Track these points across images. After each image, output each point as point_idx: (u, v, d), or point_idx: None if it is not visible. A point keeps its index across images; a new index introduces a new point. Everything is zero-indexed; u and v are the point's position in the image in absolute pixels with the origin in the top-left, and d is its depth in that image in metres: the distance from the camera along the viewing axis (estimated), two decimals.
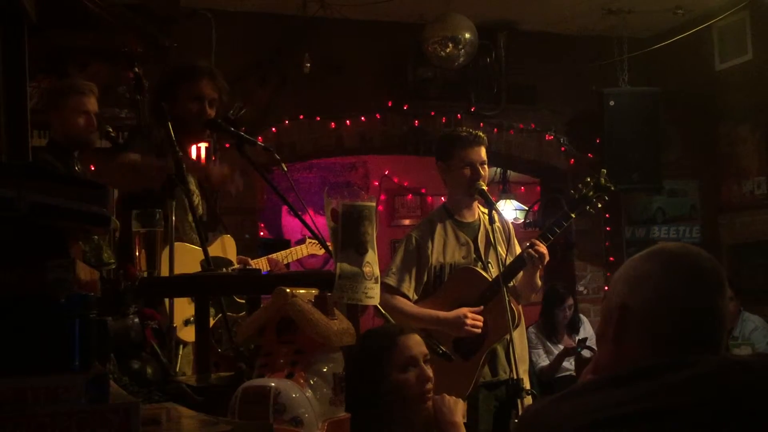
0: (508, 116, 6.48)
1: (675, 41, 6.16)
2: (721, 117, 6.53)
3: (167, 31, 4.43)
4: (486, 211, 3.78)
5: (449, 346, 3.58)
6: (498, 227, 3.72)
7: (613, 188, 3.64)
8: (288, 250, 3.91)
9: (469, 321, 3.53)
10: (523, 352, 3.75)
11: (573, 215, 3.63)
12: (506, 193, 8.27)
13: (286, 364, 1.64)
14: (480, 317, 3.55)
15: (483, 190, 3.63)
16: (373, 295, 2.12)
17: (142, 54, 4.32)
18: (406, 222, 8.87)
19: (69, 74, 4.43)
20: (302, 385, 1.59)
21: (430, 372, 2.35)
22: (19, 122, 2.50)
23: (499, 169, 7.98)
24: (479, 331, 3.54)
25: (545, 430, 1.44)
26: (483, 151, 3.70)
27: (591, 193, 3.61)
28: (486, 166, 3.71)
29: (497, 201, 7.53)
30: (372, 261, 2.11)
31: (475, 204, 3.78)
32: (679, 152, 6.74)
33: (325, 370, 1.65)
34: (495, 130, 6.42)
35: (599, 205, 3.64)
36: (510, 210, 8.21)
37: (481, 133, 3.77)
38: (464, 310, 3.55)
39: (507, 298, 3.38)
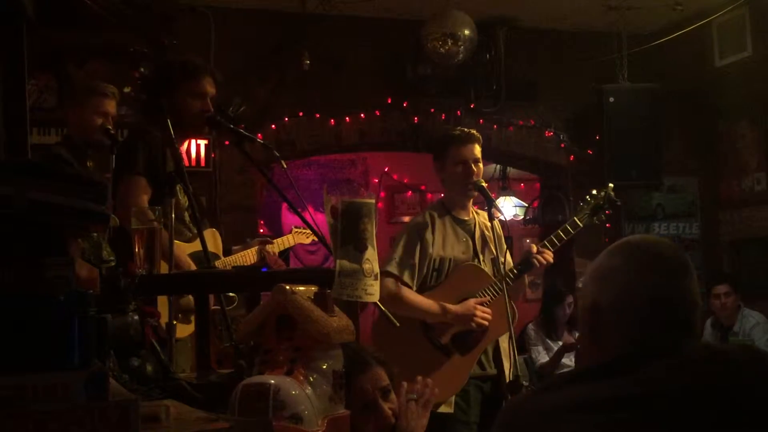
0: (507, 113, 6.47)
1: (674, 37, 6.16)
2: (720, 113, 6.52)
3: (166, 28, 4.43)
4: (479, 212, 3.85)
5: (448, 341, 3.66)
6: (497, 224, 3.75)
7: (619, 203, 3.89)
8: (274, 242, 3.86)
9: (479, 313, 3.58)
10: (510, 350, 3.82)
11: (581, 225, 3.75)
12: (506, 189, 8.26)
13: (285, 361, 1.64)
14: (489, 311, 3.60)
15: (482, 186, 3.67)
16: (373, 292, 2.12)
17: (148, 54, 4.33)
18: (406, 219, 8.86)
19: (68, 72, 4.44)
20: (302, 382, 1.59)
21: (388, 410, 2.16)
22: (18, 120, 2.50)
23: (498, 166, 7.98)
24: (487, 324, 3.59)
25: (526, 418, 1.47)
26: (477, 149, 3.74)
27: (601, 203, 3.77)
28: (480, 164, 3.74)
29: (497, 198, 7.53)
30: (372, 258, 2.11)
31: (470, 204, 3.83)
32: (679, 148, 6.74)
33: (324, 367, 1.66)
34: (494, 126, 6.42)
35: (603, 217, 3.81)
36: (509, 207, 8.21)
37: (474, 132, 3.82)
38: (473, 302, 3.60)
39: (506, 298, 3.41)
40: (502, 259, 3.64)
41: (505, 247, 3.73)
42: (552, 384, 1.52)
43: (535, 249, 3.65)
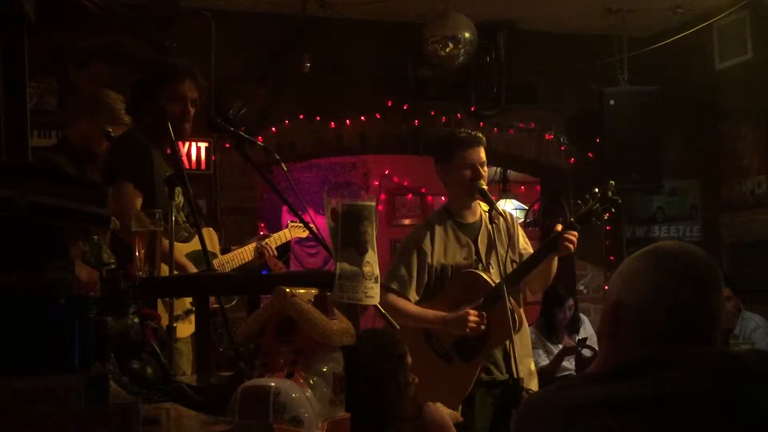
0: (508, 116, 6.47)
1: (675, 40, 6.16)
2: (721, 116, 6.52)
3: (167, 31, 4.44)
4: (488, 208, 3.79)
5: (450, 348, 3.65)
6: (501, 224, 3.72)
7: (620, 201, 3.63)
8: (271, 236, 3.81)
9: (472, 319, 3.52)
10: (525, 355, 3.77)
11: (579, 227, 3.60)
12: (506, 192, 8.27)
13: (285, 364, 1.64)
14: (483, 315, 3.54)
15: (483, 189, 3.64)
16: (373, 294, 2.12)
17: (145, 59, 4.32)
18: (406, 221, 8.88)
19: (68, 74, 4.43)
20: (302, 385, 1.59)
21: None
22: (18, 122, 2.50)
23: (499, 169, 7.98)
24: (482, 328, 3.54)
25: (543, 415, 1.49)
26: (483, 152, 3.71)
27: (597, 206, 3.60)
28: (485, 167, 3.71)
29: (497, 201, 7.53)
30: (372, 261, 2.10)
31: (476, 204, 3.78)
32: (679, 151, 6.73)
33: (325, 369, 1.65)
34: (495, 129, 6.42)
35: (605, 217, 3.64)
36: (510, 209, 8.20)
37: (480, 134, 3.79)
38: (467, 308, 3.55)
39: (508, 301, 3.38)
40: (512, 255, 3.63)
41: (518, 233, 3.72)
42: (571, 383, 1.53)
43: (560, 228, 3.54)
